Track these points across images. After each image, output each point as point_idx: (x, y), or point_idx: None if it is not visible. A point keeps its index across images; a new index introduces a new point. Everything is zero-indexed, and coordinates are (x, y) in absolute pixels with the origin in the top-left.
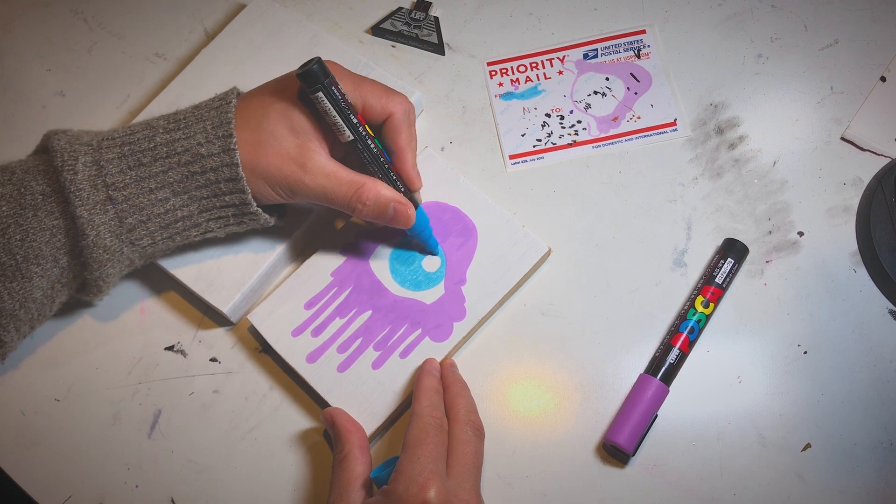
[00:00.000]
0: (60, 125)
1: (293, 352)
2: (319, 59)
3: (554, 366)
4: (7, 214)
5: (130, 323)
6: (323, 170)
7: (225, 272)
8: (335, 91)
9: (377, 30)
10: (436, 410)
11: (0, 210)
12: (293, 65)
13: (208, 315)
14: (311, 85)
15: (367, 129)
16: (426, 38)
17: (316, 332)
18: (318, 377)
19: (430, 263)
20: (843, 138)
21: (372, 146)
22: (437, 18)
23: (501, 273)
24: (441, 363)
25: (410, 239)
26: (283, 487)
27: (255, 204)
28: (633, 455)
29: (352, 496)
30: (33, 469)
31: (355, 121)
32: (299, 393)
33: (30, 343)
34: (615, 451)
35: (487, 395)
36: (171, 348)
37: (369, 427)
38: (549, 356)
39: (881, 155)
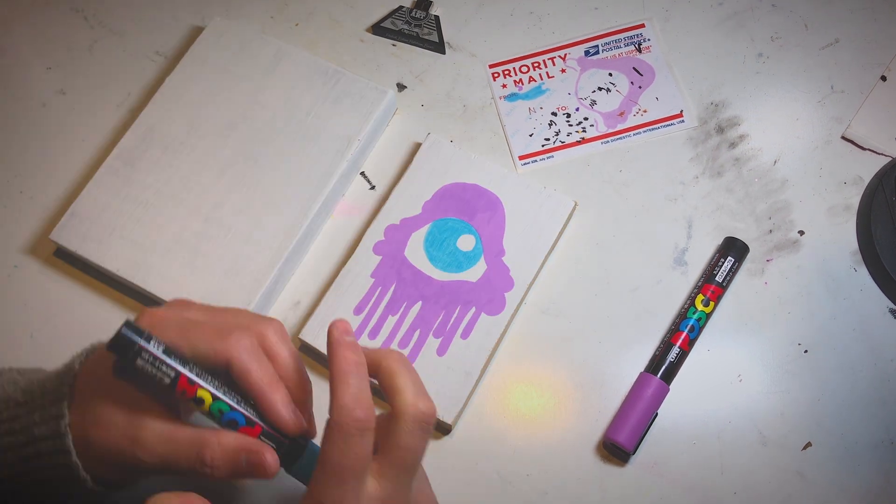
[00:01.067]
0: (61, 123)
1: None
2: (128, 321)
3: (554, 364)
4: None
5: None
6: (160, 437)
7: (230, 293)
8: (148, 355)
9: (377, 28)
10: (359, 408)
11: None
12: (261, 81)
13: None
14: (123, 356)
15: (205, 380)
16: (427, 37)
17: (373, 334)
18: None
19: (465, 242)
20: (843, 137)
21: (217, 399)
22: (437, 17)
23: (537, 235)
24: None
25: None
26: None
27: (97, 485)
28: (634, 454)
29: None
30: None
31: (190, 376)
32: None
33: (29, 342)
34: (615, 450)
35: (488, 394)
36: None
37: (452, 411)
38: (549, 354)
39: (882, 154)
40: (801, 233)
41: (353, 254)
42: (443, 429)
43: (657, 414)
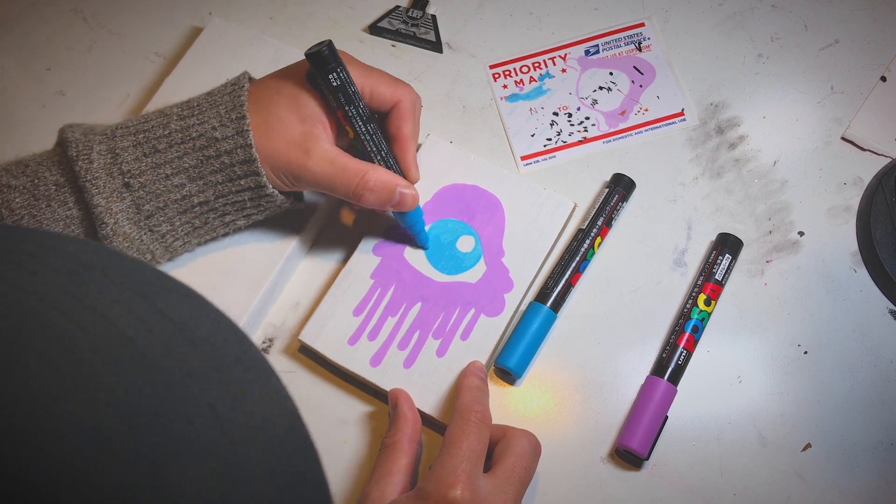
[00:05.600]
0: (60, 124)
1: (354, 360)
2: (330, 42)
3: (553, 365)
4: (20, 206)
5: None
6: (327, 156)
7: (229, 294)
8: (343, 75)
9: (375, 28)
10: (478, 405)
11: (13, 202)
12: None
13: None
14: (319, 67)
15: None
16: (423, 37)
17: (372, 336)
18: (387, 378)
19: (465, 244)
20: (843, 138)
21: (375, 133)
22: (434, 16)
23: (536, 237)
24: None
25: (403, 231)
26: None
27: (270, 186)
28: (647, 459)
29: (388, 487)
30: None
31: (361, 105)
32: (300, 388)
33: None
34: (628, 456)
35: None
36: None
37: (451, 413)
38: (548, 356)
39: (881, 155)
40: (801, 234)
41: (352, 255)
42: (442, 430)
43: (668, 417)
